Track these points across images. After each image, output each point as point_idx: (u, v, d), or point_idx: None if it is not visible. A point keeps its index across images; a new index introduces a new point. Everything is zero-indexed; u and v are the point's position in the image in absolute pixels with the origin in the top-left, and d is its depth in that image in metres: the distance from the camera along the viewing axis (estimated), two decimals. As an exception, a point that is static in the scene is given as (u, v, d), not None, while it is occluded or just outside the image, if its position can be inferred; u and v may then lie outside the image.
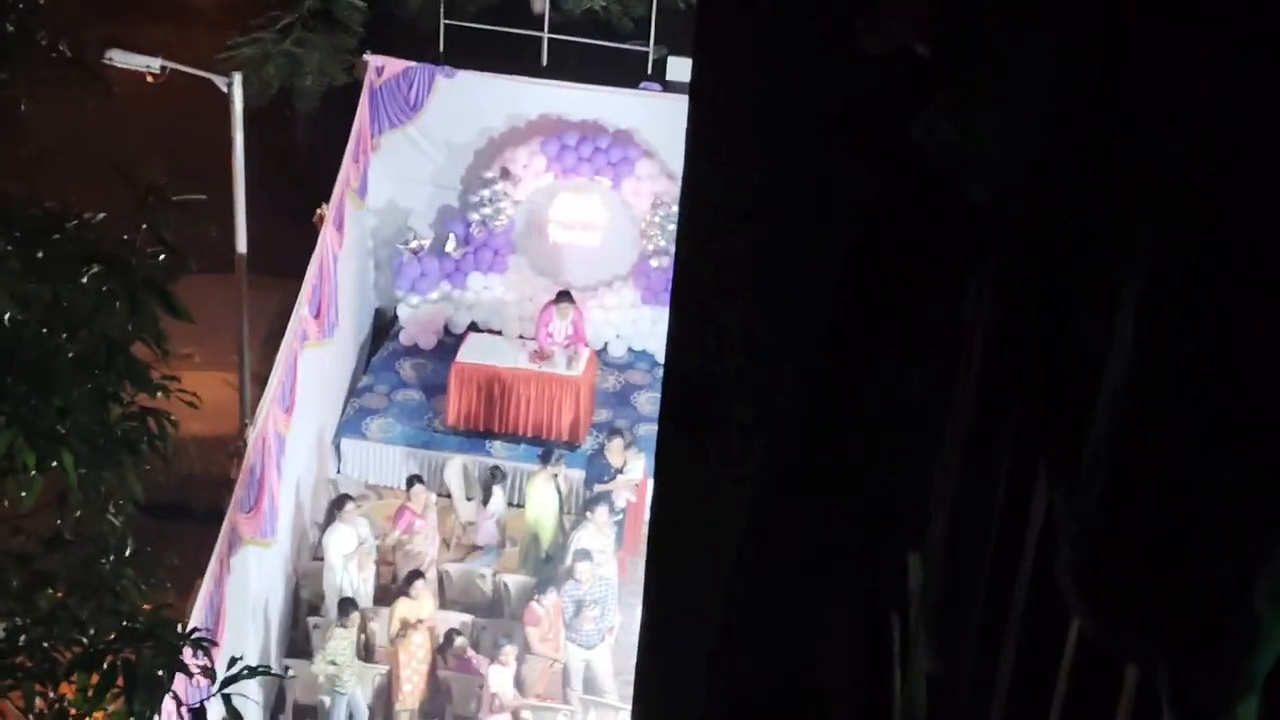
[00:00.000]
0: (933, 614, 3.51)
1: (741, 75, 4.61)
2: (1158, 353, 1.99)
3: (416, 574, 16.54)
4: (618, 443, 18.18)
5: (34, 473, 8.45)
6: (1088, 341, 2.26)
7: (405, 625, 16.14)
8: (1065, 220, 2.38)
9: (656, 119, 19.91)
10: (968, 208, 2.84)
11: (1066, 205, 2.38)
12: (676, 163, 5.69)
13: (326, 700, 16.25)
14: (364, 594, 16.93)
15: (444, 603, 17.39)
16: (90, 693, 8.59)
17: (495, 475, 18.33)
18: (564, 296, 19.60)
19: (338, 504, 17.27)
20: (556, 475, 17.92)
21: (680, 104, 4.85)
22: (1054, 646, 2.64)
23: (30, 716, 8.65)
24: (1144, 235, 2.09)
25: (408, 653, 16.13)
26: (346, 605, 16.26)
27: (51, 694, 8.76)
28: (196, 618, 13.84)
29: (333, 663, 15.96)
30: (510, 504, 18.75)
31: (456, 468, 18.80)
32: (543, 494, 17.74)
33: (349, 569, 16.77)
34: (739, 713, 5.30)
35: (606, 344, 20.80)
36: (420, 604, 16.31)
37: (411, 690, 16.23)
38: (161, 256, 8.89)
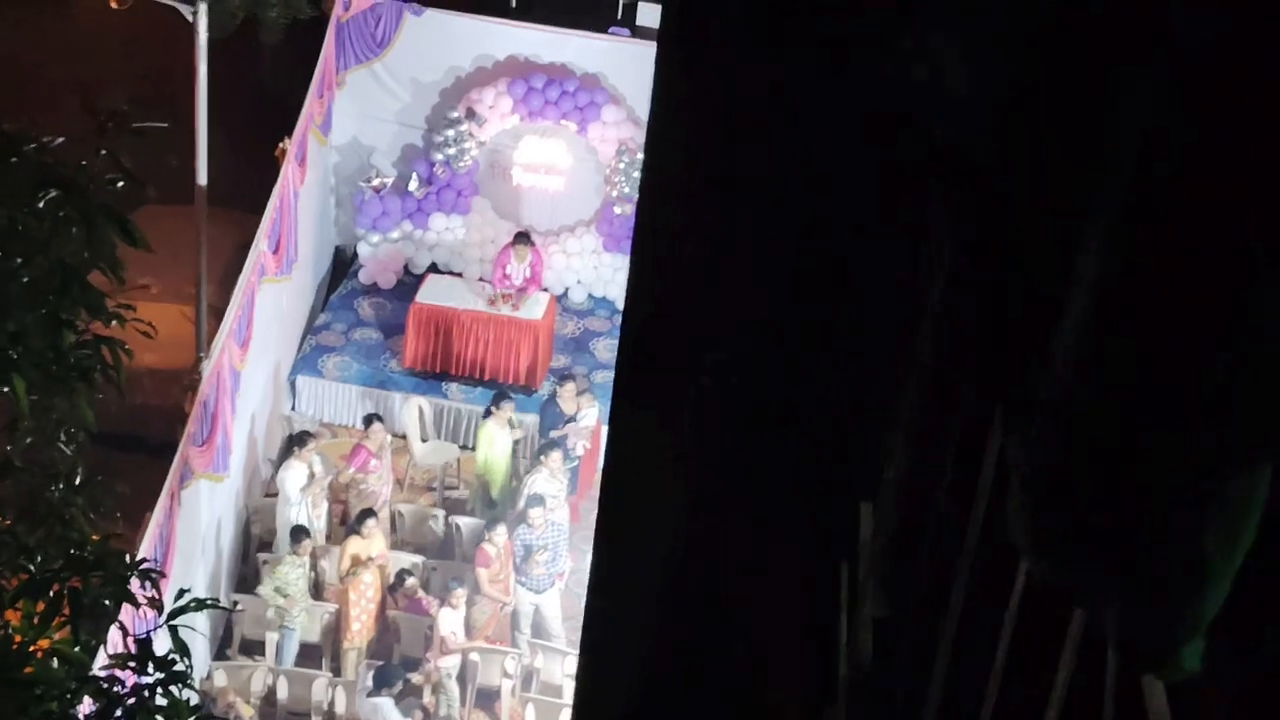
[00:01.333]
0: (883, 558, 3.52)
1: (709, 20, 4.60)
2: (1115, 297, 1.99)
3: (368, 512, 16.54)
4: (570, 388, 18.17)
5: (-16, 397, 8.39)
6: (1046, 286, 2.27)
7: (355, 563, 16.14)
8: (1026, 162, 2.38)
9: (624, 64, 19.84)
10: (929, 148, 2.84)
11: (1028, 146, 2.37)
12: (643, 109, 5.68)
13: (273, 636, 16.25)
14: (316, 530, 16.91)
15: (395, 543, 17.40)
16: (36, 620, 8.56)
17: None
18: (522, 238, 19.56)
19: (297, 440, 17.21)
20: (510, 419, 17.90)
21: (649, 50, 4.84)
22: (1002, 591, 2.65)
23: (-26, 642, 8.62)
24: (1108, 181, 2.08)
25: (357, 591, 16.14)
26: (299, 534, 16.20)
27: (-4, 620, 8.73)
28: (146, 549, 13.81)
29: (284, 594, 15.93)
30: (463, 447, 18.76)
31: (412, 408, 18.78)
32: (494, 437, 17.72)
33: (304, 503, 16.75)
34: (685, 658, 5.32)
35: (567, 289, 20.76)
36: (371, 543, 16.31)
37: (360, 629, 16.24)
38: (120, 184, 8.82)
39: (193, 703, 8.94)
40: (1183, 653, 1.95)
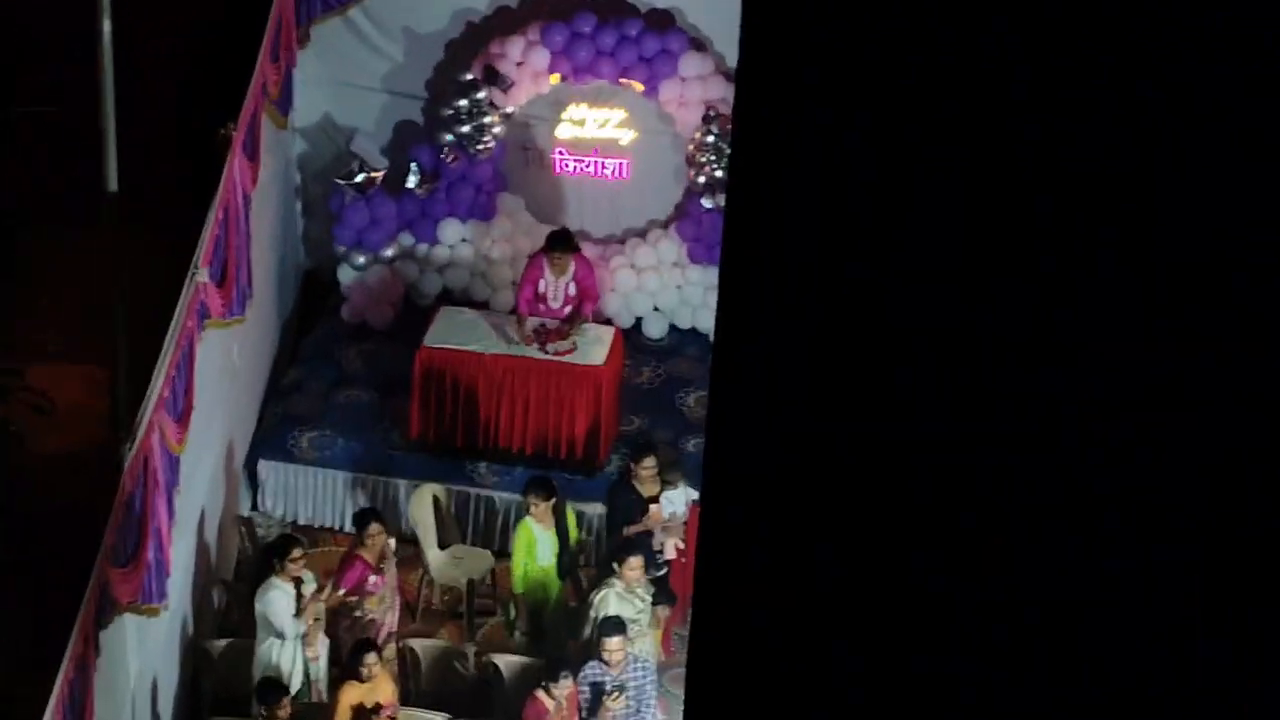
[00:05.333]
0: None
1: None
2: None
3: (368, 645, 16.47)
4: (650, 463, 18.08)
5: None
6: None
7: (357, 716, 16.17)
8: None
9: (708, -4, 19.98)
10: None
11: None
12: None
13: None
14: (316, 679, 16.92)
15: (406, 694, 17.41)
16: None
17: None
18: (558, 241, 19.48)
19: (277, 550, 17.15)
20: (562, 512, 17.92)
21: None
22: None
23: None
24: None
25: (359, 761, 16.22)
26: (269, 689, 16.22)
27: None
28: (51, 714, 13.92)
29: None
30: (499, 552, 18.73)
31: (425, 500, 18.82)
32: (536, 540, 17.66)
33: (295, 646, 16.71)
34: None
35: (640, 320, 20.84)
36: (375, 687, 16.33)
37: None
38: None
39: None
40: None
